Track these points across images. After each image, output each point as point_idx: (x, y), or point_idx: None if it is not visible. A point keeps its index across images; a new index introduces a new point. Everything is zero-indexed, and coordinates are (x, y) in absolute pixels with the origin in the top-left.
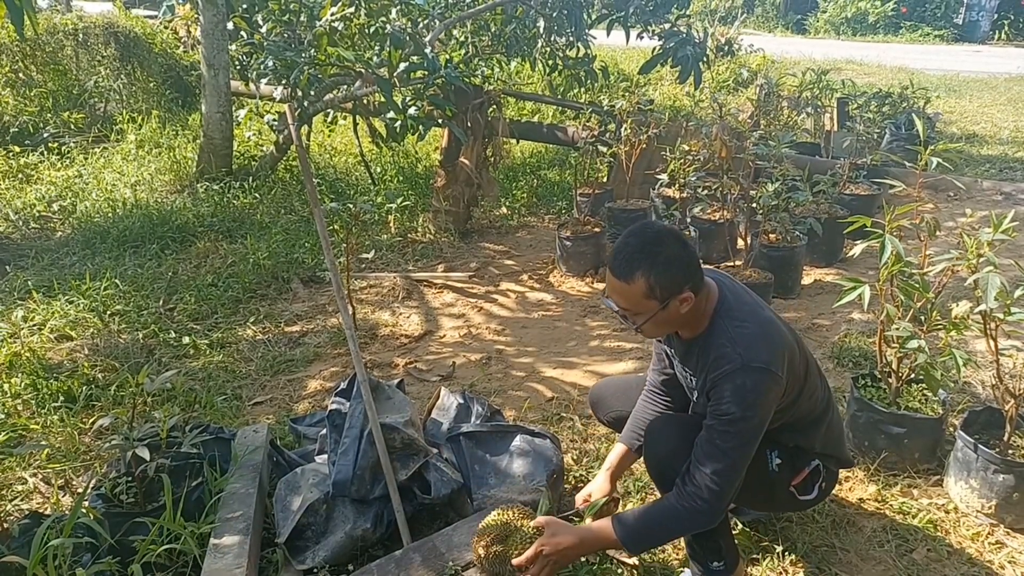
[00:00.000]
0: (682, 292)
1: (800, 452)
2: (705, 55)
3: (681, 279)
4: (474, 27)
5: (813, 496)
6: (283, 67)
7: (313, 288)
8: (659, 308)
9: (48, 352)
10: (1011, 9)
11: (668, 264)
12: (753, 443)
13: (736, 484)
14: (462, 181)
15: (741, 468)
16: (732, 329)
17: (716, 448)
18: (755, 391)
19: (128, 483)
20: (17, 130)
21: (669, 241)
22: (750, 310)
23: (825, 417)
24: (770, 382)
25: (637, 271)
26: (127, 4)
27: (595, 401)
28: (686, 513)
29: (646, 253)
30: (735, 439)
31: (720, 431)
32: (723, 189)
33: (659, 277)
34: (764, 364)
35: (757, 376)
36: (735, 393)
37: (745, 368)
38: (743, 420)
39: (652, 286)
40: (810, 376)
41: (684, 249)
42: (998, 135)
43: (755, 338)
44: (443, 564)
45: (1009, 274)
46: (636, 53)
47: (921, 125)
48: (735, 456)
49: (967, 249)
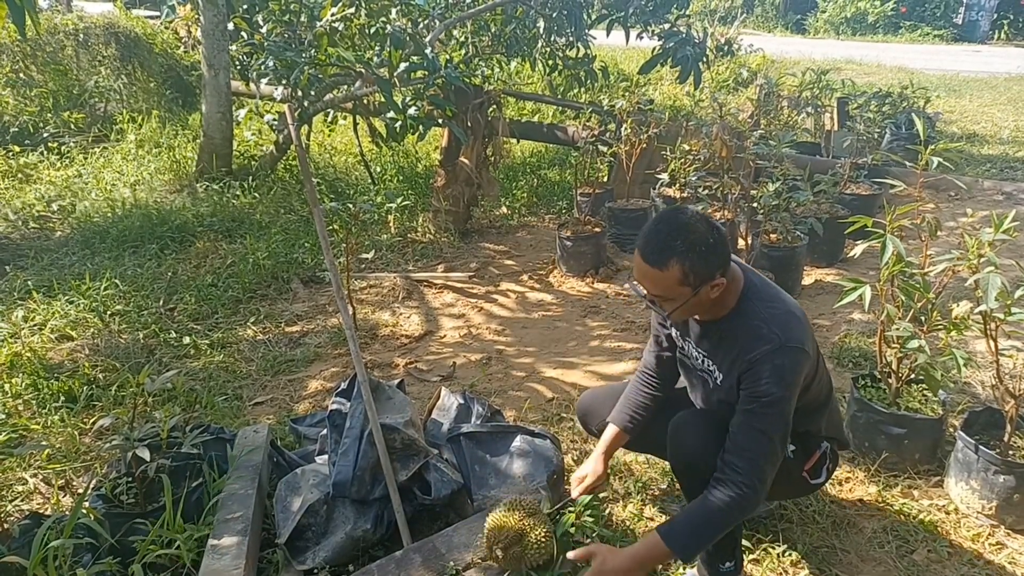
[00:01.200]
0: (715, 278)
1: (809, 436)
2: (705, 55)
3: (715, 265)
4: (474, 27)
5: (822, 479)
6: (283, 67)
7: (313, 288)
8: (692, 294)
9: (48, 352)
10: (1011, 9)
11: (702, 250)
12: (789, 422)
13: (777, 464)
14: (462, 181)
15: (781, 448)
16: (764, 310)
17: (757, 431)
18: (793, 370)
19: (128, 484)
20: (17, 130)
21: (702, 227)
22: (776, 292)
23: (829, 401)
24: (805, 361)
25: (671, 258)
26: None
27: (584, 413)
28: (734, 503)
29: (680, 239)
30: (775, 419)
31: (760, 413)
32: (723, 189)
33: (694, 264)
34: (799, 344)
35: (794, 355)
36: (775, 373)
37: (783, 348)
38: (783, 400)
39: (687, 273)
40: (821, 360)
41: (716, 234)
42: (998, 135)
43: (789, 317)
44: (443, 564)
45: (1010, 274)
46: (636, 53)
47: (921, 125)
48: (776, 436)
49: (968, 249)
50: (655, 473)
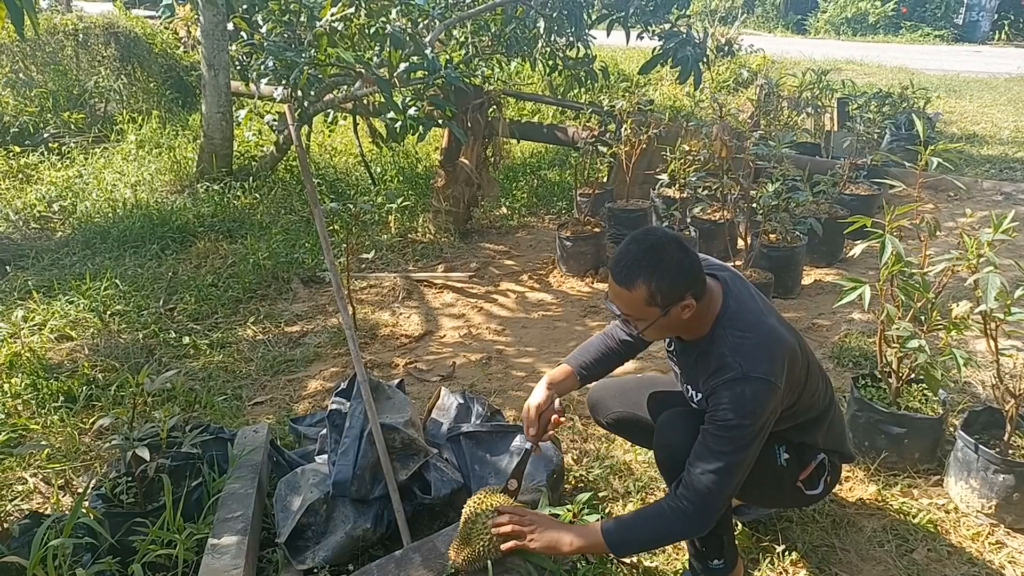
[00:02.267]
0: (684, 299)
1: (805, 448)
2: (705, 55)
3: (682, 286)
4: (474, 27)
5: (819, 491)
6: (283, 67)
7: (313, 288)
8: (660, 315)
9: (48, 352)
10: (1011, 9)
11: (669, 271)
12: (749, 451)
13: (728, 492)
14: (462, 181)
15: (734, 475)
16: (733, 339)
17: (710, 451)
18: (753, 400)
19: (128, 483)
20: (17, 130)
21: (671, 248)
22: (754, 319)
23: (827, 414)
24: (769, 392)
25: (638, 279)
26: (127, 4)
27: (593, 404)
28: (675, 516)
29: (647, 260)
30: (729, 445)
31: (715, 436)
32: (723, 189)
33: (660, 285)
34: (763, 375)
35: (756, 386)
36: (733, 401)
37: (745, 378)
38: (739, 428)
39: (653, 293)
40: (811, 378)
41: (686, 256)
42: (998, 135)
43: (755, 349)
44: (443, 564)
45: (1009, 274)
46: (636, 53)
47: (921, 125)
48: (728, 461)
49: (967, 249)
50: (655, 472)
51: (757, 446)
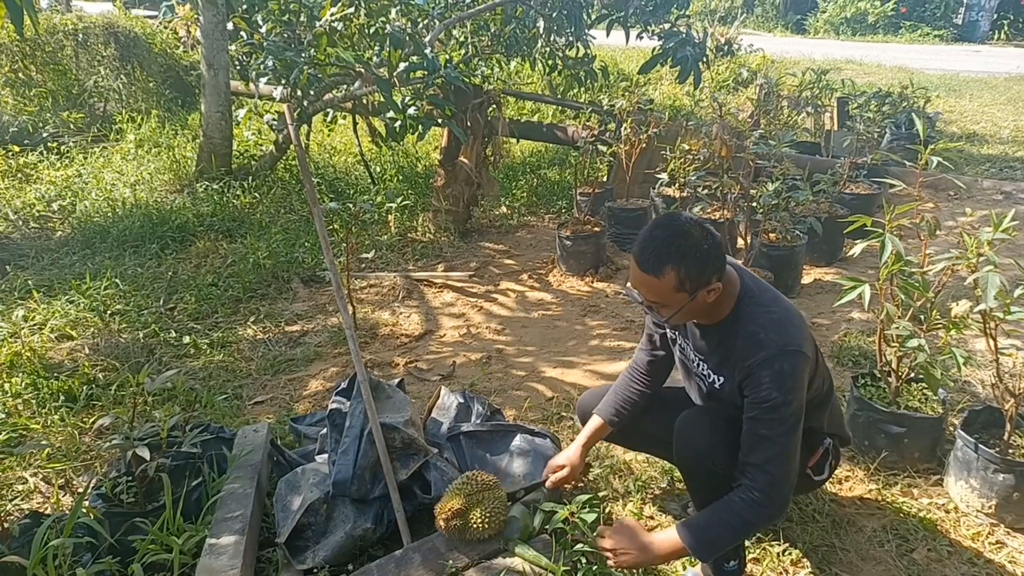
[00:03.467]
0: (711, 283)
1: (812, 432)
2: (705, 55)
3: (710, 270)
4: (474, 27)
5: (825, 476)
6: (283, 67)
7: (313, 288)
8: (688, 300)
9: (48, 352)
10: (1011, 9)
11: (698, 256)
12: (798, 426)
13: (793, 471)
14: (462, 181)
15: (793, 454)
16: (761, 315)
17: (763, 438)
18: (793, 374)
19: (128, 483)
20: (17, 130)
21: (696, 232)
22: (772, 296)
23: (830, 397)
24: (804, 363)
25: (666, 265)
26: (127, 4)
27: (584, 412)
28: (749, 509)
29: (675, 246)
30: (781, 425)
31: (764, 420)
32: (723, 188)
33: (689, 270)
34: (797, 347)
35: (793, 359)
36: (775, 378)
37: (782, 353)
38: (786, 405)
39: (682, 279)
40: (820, 359)
41: (711, 239)
42: (998, 134)
43: (785, 322)
44: (443, 564)
45: (1009, 273)
46: (636, 53)
47: (921, 124)
48: (784, 442)
49: (967, 248)
50: (655, 472)
51: (802, 421)
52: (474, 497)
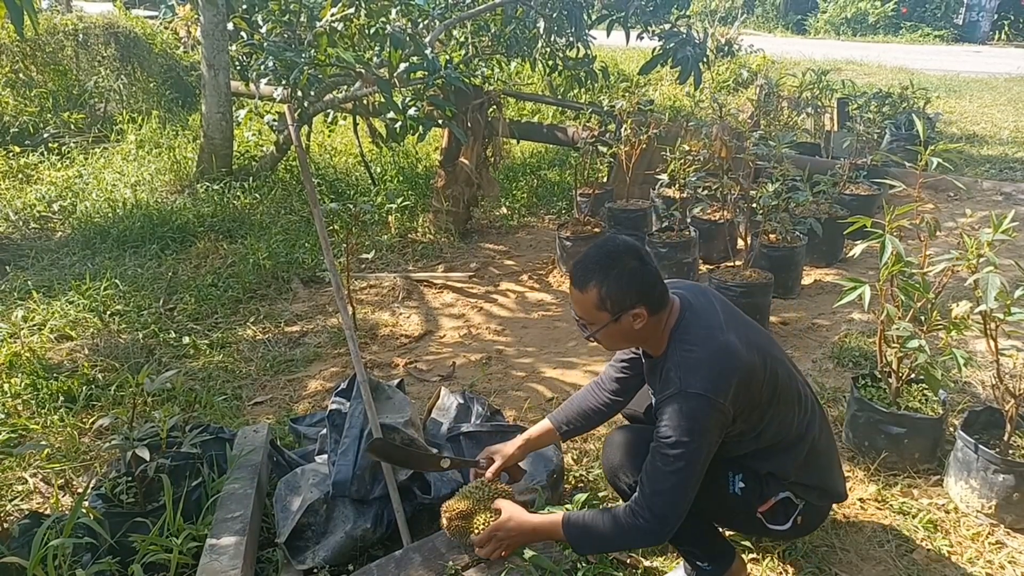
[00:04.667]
0: (634, 307)
1: (772, 479)
2: (705, 55)
3: (634, 295)
4: (474, 27)
5: (786, 527)
6: (283, 67)
7: (313, 288)
8: (611, 320)
9: (48, 352)
10: (1011, 9)
11: (621, 278)
12: (695, 468)
13: (680, 507)
14: (462, 181)
15: (684, 492)
16: (679, 354)
17: (657, 470)
18: (691, 417)
19: (128, 483)
20: (17, 130)
21: (627, 256)
22: (705, 334)
23: (801, 445)
24: (708, 409)
25: (591, 281)
26: (127, 4)
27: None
28: (630, 528)
29: (602, 265)
30: (674, 463)
31: (661, 454)
32: (723, 189)
33: (610, 289)
34: (701, 391)
35: (693, 403)
36: (672, 418)
37: (681, 394)
38: (679, 445)
39: (603, 298)
40: (780, 402)
41: (642, 266)
42: (998, 135)
43: (699, 364)
44: (443, 564)
45: (1009, 274)
46: (636, 53)
47: (921, 125)
48: (676, 480)
49: (967, 249)
50: None
51: (702, 464)
52: (483, 503)
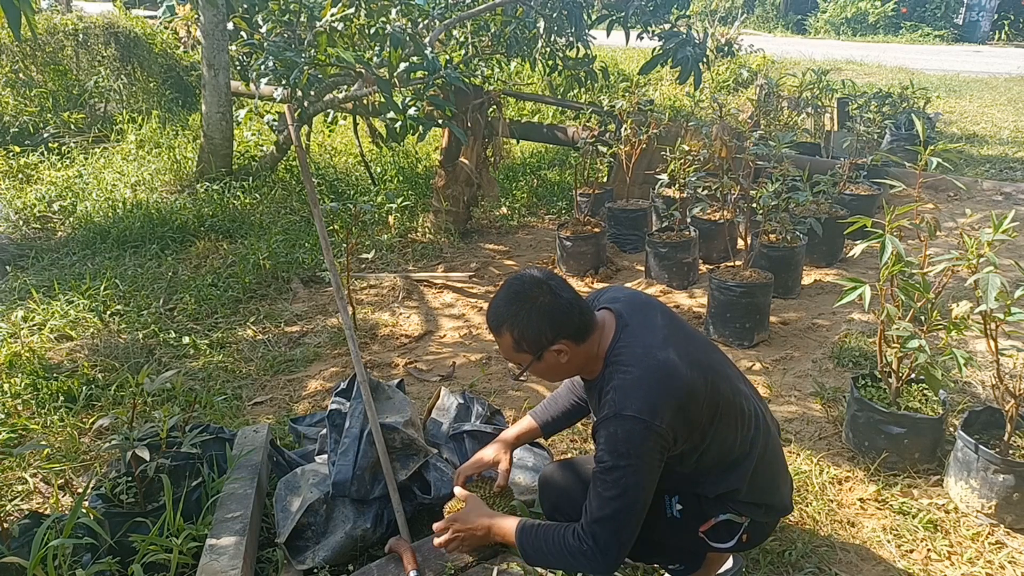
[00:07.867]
0: (554, 343)
1: (707, 501)
2: (705, 55)
3: (549, 331)
4: (474, 27)
5: (731, 544)
6: (283, 67)
7: (313, 288)
8: (533, 359)
9: (48, 352)
10: (1011, 9)
11: (532, 318)
12: (636, 494)
13: (623, 536)
14: (462, 181)
15: (626, 519)
16: (615, 376)
17: (599, 495)
18: (626, 440)
19: (128, 483)
20: (17, 130)
21: (537, 293)
22: (642, 353)
23: (745, 463)
24: (643, 431)
25: (503, 325)
26: (127, 4)
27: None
28: (575, 552)
29: (510, 308)
30: (612, 488)
31: (600, 479)
32: (723, 189)
33: (524, 331)
34: (636, 413)
35: (628, 425)
36: (607, 441)
37: (616, 416)
38: (616, 469)
39: (518, 340)
40: (721, 422)
41: (554, 299)
42: (998, 135)
43: (634, 385)
44: (443, 564)
45: (1009, 274)
46: (636, 53)
47: (921, 125)
48: (616, 506)
49: (967, 249)
50: None
51: (644, 490)
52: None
